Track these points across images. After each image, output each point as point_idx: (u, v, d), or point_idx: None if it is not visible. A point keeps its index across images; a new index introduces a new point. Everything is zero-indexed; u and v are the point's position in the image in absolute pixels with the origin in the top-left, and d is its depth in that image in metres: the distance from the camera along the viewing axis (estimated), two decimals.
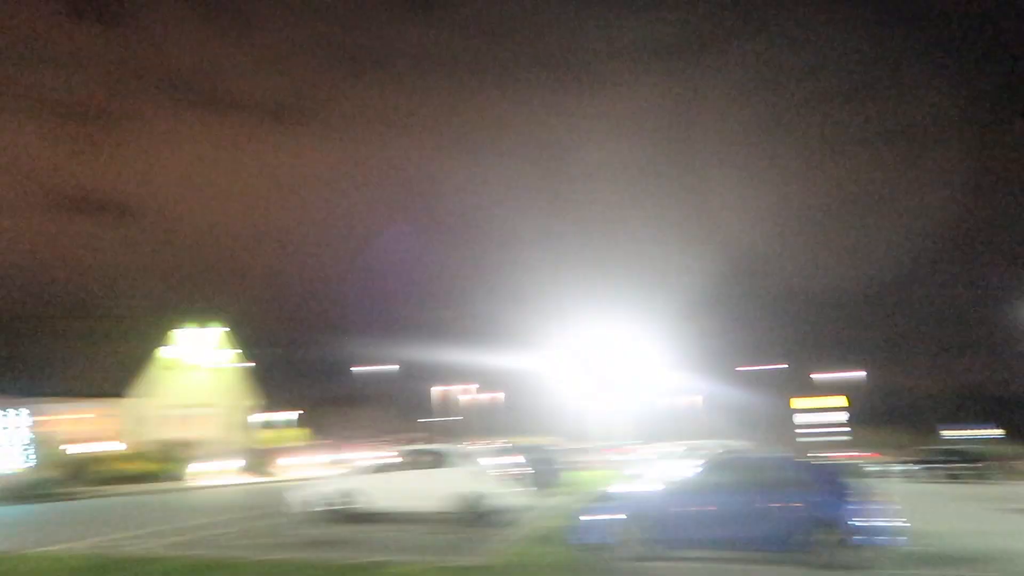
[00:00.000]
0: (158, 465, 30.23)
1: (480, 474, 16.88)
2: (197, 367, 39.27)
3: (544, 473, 23.02)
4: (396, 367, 72.17)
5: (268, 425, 48.62)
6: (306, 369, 69.88)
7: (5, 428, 22.66)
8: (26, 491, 21.16)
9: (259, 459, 37.83)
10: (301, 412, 54.85)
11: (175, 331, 38.07)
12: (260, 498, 24.38)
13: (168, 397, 36.83)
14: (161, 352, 36.83)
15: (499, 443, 26.04)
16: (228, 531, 15.46)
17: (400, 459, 17.84)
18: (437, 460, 17.27)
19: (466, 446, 19.62)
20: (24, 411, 25.29)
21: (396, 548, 13.35)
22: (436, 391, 68.93)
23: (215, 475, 33.11)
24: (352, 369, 67.11)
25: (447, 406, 69.21)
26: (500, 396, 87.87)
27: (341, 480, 17.70)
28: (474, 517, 16.29)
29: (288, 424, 51.89)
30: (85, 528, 15.75)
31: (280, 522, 17.19)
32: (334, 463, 46.31)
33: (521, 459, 20.87)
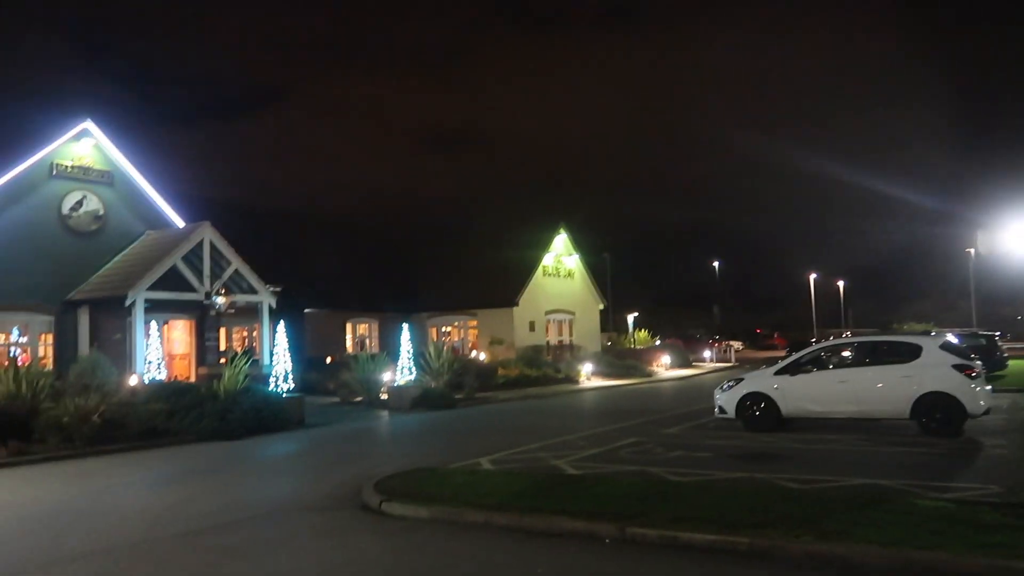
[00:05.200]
0: (541, 370, 30.59)
1: (946, 369, 13.34)
2: (562, 274, 39.67)
3: (987, 365, 18.86)
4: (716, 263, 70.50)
5: (613, 327, 49.22)
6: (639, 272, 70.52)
7: (402, 342, 23.82)
8: (429, 399, 22.04)
9: (629, 360, 37.25)
10: (636, 313, 55.47)
11: (542, 242, 38.55)
12: (653, 401, 23.33)
13: (539, 304, 37.55)
14: (533, 262, 37.47)
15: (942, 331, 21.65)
16: (640, 441, 13.89)
17: (832, 354, 15.01)
18: (896, 353, 14.10)
19: (937, 335, 15.99)
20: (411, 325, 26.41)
21: (850, 466, 10.68)
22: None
23: (594, 377, 32.92)
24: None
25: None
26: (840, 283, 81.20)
27: (757, 381, 15.23)
28: (937, 424, 13.21)
29: (634, 325, 51.94)
30: (500, 437, 15.21)
31: (689, 428, 15.60)
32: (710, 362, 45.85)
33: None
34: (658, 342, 47.97)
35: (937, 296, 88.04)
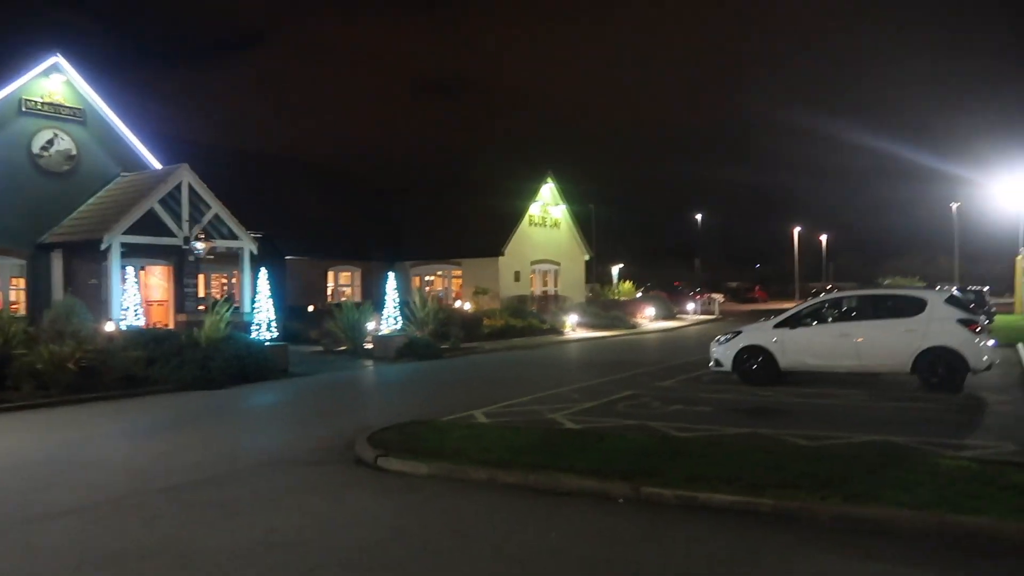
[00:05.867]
0: (526, 321, 30.22)
1: (950, 324, 13.11)
2: (548, 224, 39.16)
3: None
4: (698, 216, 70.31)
5: (596, 279, 49.05)
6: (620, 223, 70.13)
7: (388, 291, 23.32)
8: (415, 349, 21.63)
9: (613, 311, 37.03)
10: (621, 265, 55.27)
11: (529, 191, 37.90)
12: (641, 353, 23.11)
13: (525, 254, 37.10)
14: (519, 212, 36.86)
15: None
16: (636, 394, 13.59)
17: (833, 308, 14.74)
18: (900, 306, 13.83)
19: (942, 289, 15.78)
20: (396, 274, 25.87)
21: (856, 422, 10.49)
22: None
23: (579, 328, 32.60)
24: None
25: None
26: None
27: (755, 334, 14.94)
28: (938, 379, 13.02)
29: (619, 276, 51.74)
30: (491, 389, 14.87)
31: (683, 381, 15.33)
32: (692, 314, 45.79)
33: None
34: (639, 294, 47.77)
35: (918, 251, 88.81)
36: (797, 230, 76.93)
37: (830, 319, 14.51)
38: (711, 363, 15.44)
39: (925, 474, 6.93)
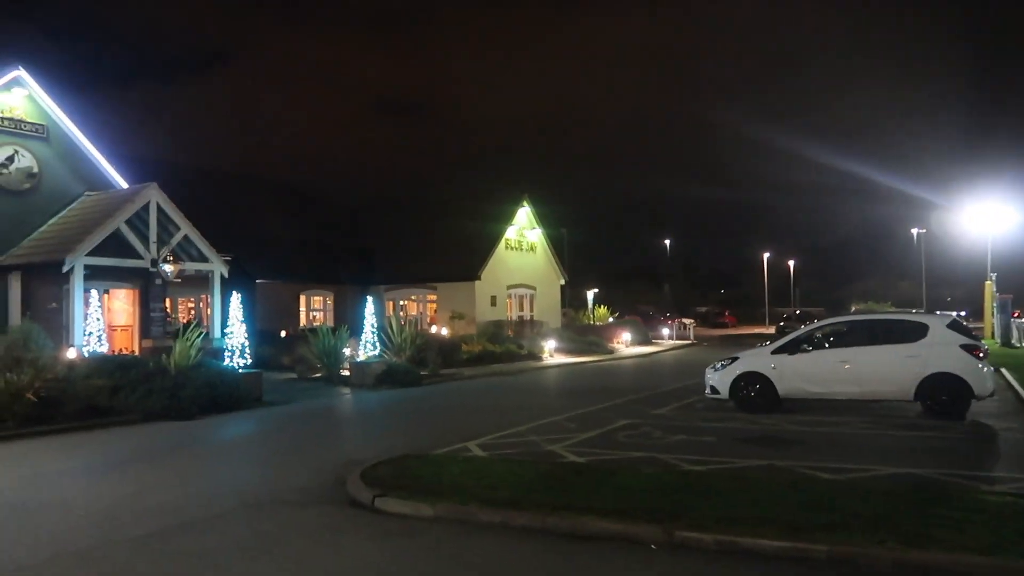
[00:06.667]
0: (504, 346, 29.56)
1: (954, 349, 12.79)
2: (524, 248, 38.65)
3: None
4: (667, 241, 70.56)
5: (569, 303, 48.56)
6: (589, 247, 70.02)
7: (366, 315, 22.56)
8: (394, 376, 20.85)
9: (590, 336, 36.54)
10: (596, 289, 54.91)
11: (505, 215, 37.37)
12: (626, 379, 22.56)
13: (501, 279, 36.49)
14: (495, 235, 36.28)
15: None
16: (634, 423, 13.01)
17: (831, 333, 14.34)
18: (901, 332, 13.45)
19: (943, 314, 15.48)
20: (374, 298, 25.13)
21: (870, 452, 10.11)
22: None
23: (557, 354, 31.98)
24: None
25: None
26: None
27: (753, 360, 14.49)
28: (940, 407, 12.67)
29: (594, 301, 51.33)
30: (480, 418, 14.18)
31: (678, 408, 14.77)
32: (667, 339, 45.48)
33: None
34: (611, 319, 47.42)
35: (880, 276, 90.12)
36: (766, 255, 77.43)
37: (828, 345, 14.12)
38: (707, 390, 14.95)
39: (972, 511, 6.44)
